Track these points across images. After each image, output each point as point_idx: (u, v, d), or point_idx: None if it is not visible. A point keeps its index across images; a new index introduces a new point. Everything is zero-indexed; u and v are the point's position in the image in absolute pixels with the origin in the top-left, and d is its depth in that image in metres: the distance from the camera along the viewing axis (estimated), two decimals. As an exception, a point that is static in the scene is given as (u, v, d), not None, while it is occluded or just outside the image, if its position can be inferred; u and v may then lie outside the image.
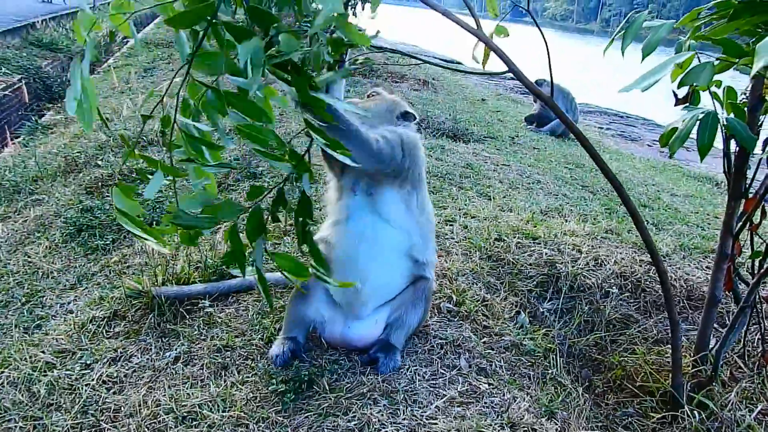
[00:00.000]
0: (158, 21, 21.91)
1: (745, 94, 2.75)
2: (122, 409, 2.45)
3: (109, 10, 1.50)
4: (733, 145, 2.66)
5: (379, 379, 2.53)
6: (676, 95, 2.73)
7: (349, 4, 10.97)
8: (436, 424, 2.32)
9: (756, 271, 2.68)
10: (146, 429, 2.32)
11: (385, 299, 2.75)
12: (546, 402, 2.62)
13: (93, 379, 2.64)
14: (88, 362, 2.77)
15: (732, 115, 2.40)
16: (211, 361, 2.70)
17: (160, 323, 3.04)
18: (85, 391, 2.57)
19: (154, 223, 4.32)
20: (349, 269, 2.63)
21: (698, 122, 2.24)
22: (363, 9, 12.04)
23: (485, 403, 2.49)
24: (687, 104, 2.58)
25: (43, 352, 2.84)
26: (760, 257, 2.67)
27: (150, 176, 1.56)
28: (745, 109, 2.52)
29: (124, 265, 3.84)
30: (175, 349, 2.81)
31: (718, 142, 2.45)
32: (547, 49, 2.33)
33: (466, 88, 11.82)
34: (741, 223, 2.53)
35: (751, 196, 2.60)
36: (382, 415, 2.33)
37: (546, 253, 3.78)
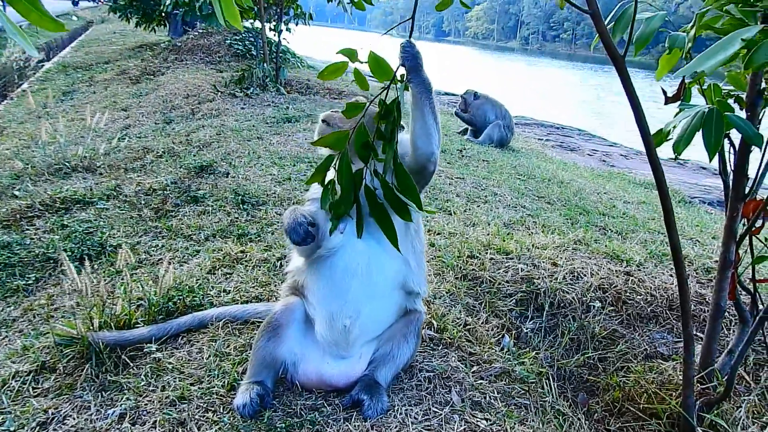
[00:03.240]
0: (74, 44, 20.84)
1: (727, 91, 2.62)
2: (58, 487, 2.02)
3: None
4: (726, 144, 2.53)
5: (367, 425, 2.19)
6: (665, 93, 2.56)
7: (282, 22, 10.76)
8: (439, 474, 2.00)
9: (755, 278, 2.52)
10: None
11: (373, 336, 2.42)
12: (551, 435, 2.35)
13: (18, 450, 2.20)
14: (12, 428, 2.32)
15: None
16: (164, 418, 2.29)
17: (98, 374, 2.60)
18: (9, 466, 2.13)
19: (85, 257, 3.86)
20: (335, 307, 2.32)
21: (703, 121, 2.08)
22: (294, 26, 11.82)
23: (488, 443, 2.20)
24: (681, 101, 2.41)
25: (-46, 420, 2.36)
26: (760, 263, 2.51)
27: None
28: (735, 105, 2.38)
29: (51, 307, 3.35)
30: (120, 405, 2.39)
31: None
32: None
33: (405, 105, 11.58)
34: (746, 228, 2.35)
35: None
36: (378, 469, 2.00)
37: (522, 269, 3.54)
